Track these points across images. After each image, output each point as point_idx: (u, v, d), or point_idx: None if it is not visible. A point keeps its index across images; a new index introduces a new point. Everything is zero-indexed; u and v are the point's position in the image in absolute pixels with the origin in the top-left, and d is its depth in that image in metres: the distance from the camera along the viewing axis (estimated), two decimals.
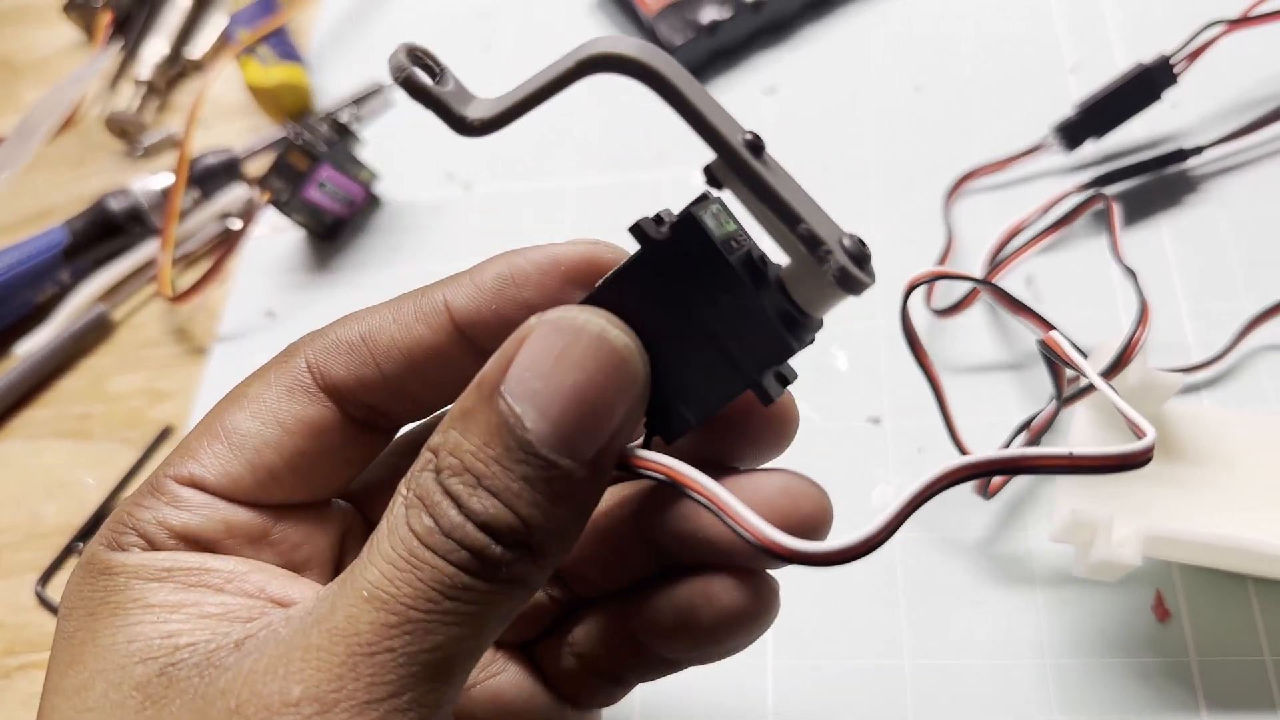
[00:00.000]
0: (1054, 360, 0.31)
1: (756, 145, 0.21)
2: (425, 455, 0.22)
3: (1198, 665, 0.33)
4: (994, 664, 0.34)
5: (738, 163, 0.21)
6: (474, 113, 0.22)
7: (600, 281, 0.23)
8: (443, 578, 0.20)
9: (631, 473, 0.23)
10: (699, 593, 0.25)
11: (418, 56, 0.22)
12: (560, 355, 0.21)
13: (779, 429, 0.26)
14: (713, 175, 0.22)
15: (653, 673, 0.26)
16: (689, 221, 0.21)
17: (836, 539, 0.21)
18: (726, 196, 0.22)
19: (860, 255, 0.21)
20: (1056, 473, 0.21)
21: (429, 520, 0.21)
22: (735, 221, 0.23)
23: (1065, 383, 0.33)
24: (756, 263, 0.22)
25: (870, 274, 0.21)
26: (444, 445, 0.21)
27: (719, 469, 0.24)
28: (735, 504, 0.21)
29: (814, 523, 0.24)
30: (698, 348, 0.22)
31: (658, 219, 0.22)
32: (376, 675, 0.20)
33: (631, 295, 0.22)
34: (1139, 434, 0.20)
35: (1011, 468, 0.21)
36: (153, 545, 0.23)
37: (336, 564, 0.26)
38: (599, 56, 0.21)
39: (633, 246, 0.23)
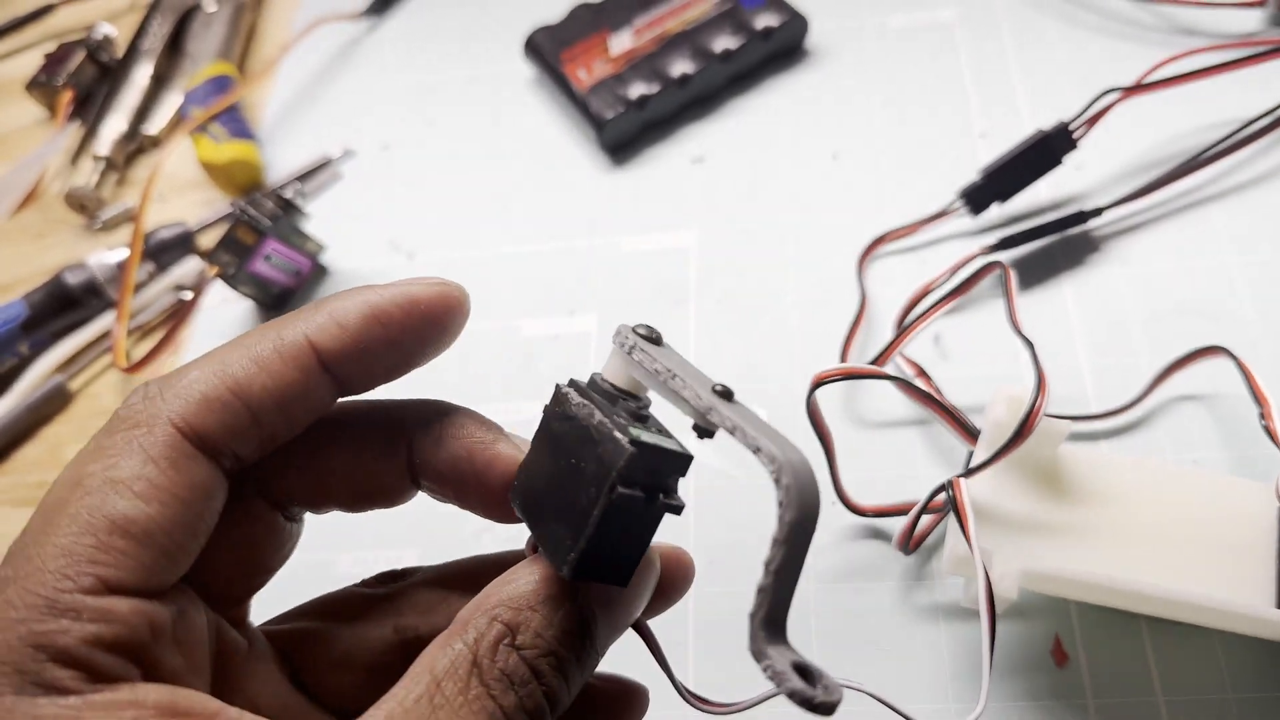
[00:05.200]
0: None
1: (727, 393, 0.23)
2: (499, 629, 0.24)
3: (1094, 707, 0.34)
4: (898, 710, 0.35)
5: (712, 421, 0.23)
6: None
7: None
8: None
9: None
10: None
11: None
12: (635, 584, 0.25)
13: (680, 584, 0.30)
14: (700, 429, 0.24)
15: None
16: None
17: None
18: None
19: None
20: None
21: (514, 697, 0.23)
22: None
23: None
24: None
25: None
26: (527, 626, 0.24)
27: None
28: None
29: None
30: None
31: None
32: None
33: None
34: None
35: None
36: (91, 670, 0.21)
37: (215, 630, 0.26)
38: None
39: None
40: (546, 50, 0.55)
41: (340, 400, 0.27)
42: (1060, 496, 0.36)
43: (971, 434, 0.38)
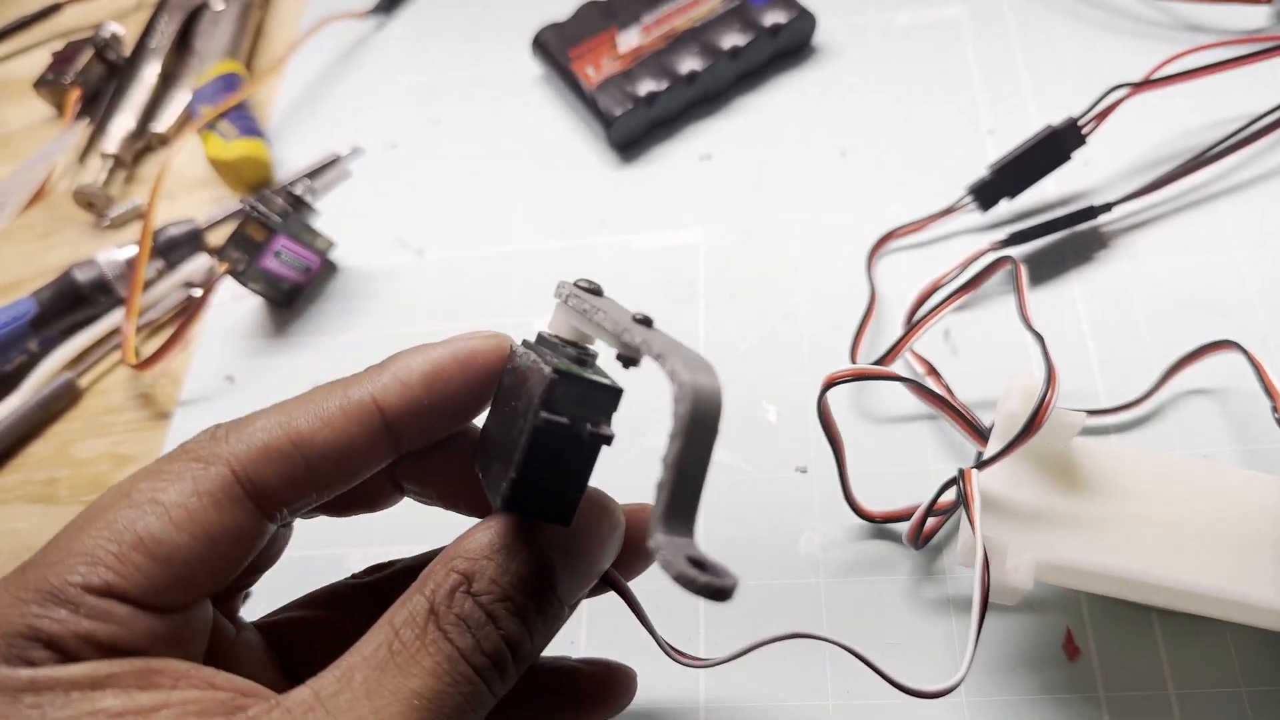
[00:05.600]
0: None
1: (646, 320, 0.24)
2: (455, 578, 0.24)
3: (1106, 700, 0.34)
4: (914, 702, 0.35)
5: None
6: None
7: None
8: (478, 692, 0.23)
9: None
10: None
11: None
12: (594, 528, 0.26)
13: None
14: (623, 357, 0.24)
15: None
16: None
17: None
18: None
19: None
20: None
21: (471, 639, 0.23)
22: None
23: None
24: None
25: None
26: (482, 573, 0.24)
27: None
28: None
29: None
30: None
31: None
32: None
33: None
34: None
35: None
36: (72, 657, 0.22)
37: (217, 630, 0.27)
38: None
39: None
40: (554, 48, 0.55)
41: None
42: (1073, 489, 0.36)
43: (981, 435, 0.38)
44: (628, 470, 0.43)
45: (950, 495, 0.36)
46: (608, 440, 0.24)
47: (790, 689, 0.36)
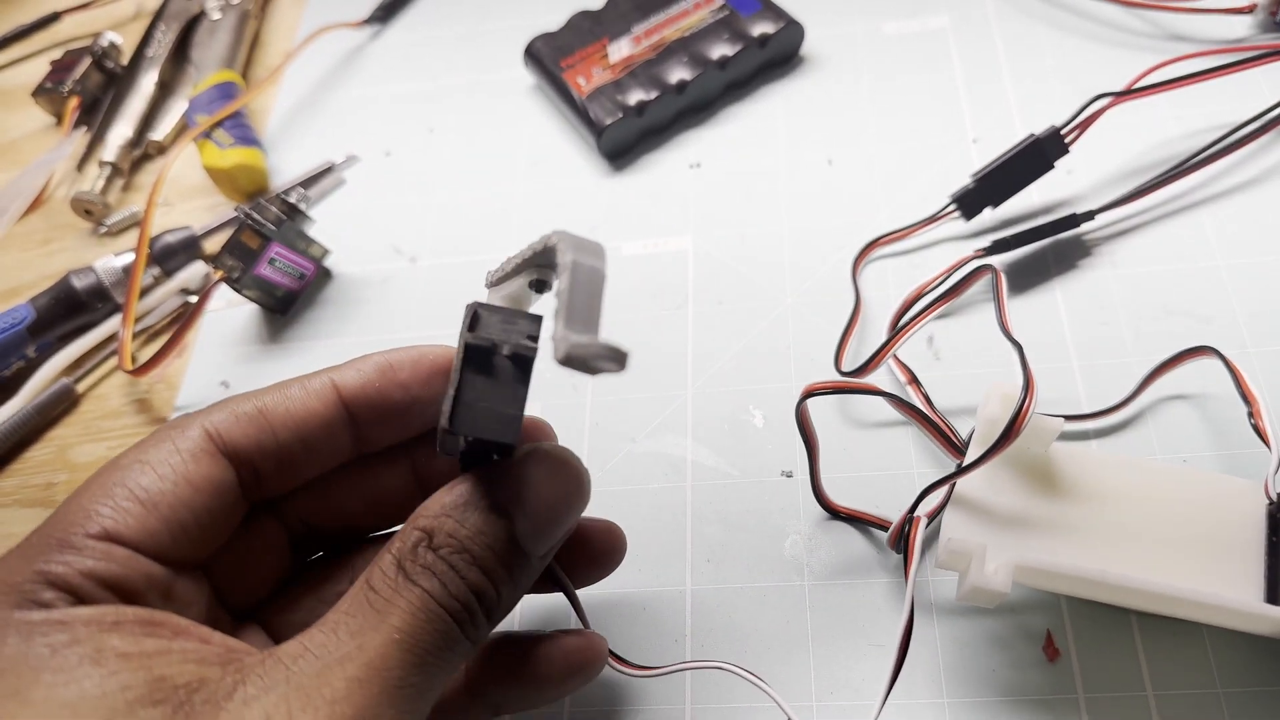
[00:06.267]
0: None
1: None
2: (416, 534, 0.26)
3: (1085, 702, 0.35)
4: (893, 703, 0.36)
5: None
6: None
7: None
8: (450, 630, 0.25)
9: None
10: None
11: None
12: (550, 479, 0.28)
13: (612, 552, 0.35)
14: (535, 281, 0.29)
15: None
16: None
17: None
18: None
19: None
20: None
21: (438, 583, 0.25)
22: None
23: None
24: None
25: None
26: (440, 529, 0.26)
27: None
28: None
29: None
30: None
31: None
32: (405, 704, 0.24)
33: None
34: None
35: None
36: (79, 598, 0.24)
37: (212, 622, 0.28)
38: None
39: None
40: (546, 57, 0.56)
41: None
42: (1052, 494, 0.37)
43: (956, 447, 0.38)
44: (617, 471, 0.43)
45: (934, 500, 0.37)
46: (530, 353, 0.27)
47: (776, 690, 0.37)
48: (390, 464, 0.33)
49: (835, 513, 0.40)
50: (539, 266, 0.28)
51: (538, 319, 0.28)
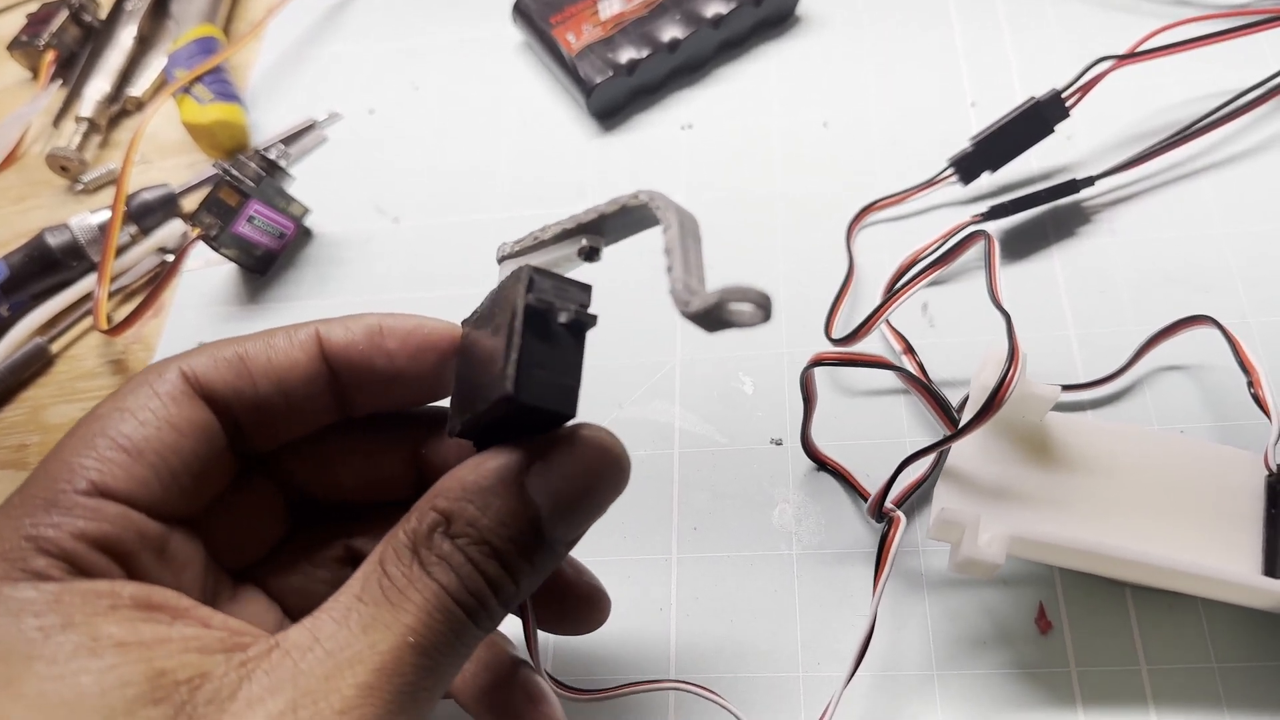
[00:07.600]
0: None
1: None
2: (433, 516, 0.24)
3: (1077, 675, 0.34)
4: (884, 675, 0.35)
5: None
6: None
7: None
8: (466, 628, 0.24)
9: None
10: None
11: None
12: (587, 465, 0.25)
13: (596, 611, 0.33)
14: (584, 250, 0.26)
15: None
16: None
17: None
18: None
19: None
20: None
21: (454, 577, 0.24)
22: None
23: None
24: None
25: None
26: (460, 515, 0.24)
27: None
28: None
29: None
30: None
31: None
32: (414, 712, 0.23)
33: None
34: None
35: None
36: (74, 563, 0.23)
37: (211, 585, 0.28)
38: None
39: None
40: (535, 14, 0.54)
41: None
42: (1047, 464, 0.36)
43: (951, 420, 0.38)
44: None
45: (921, 467, 0.36)
46: (590, 320, 0.25)
47: (762, 660, 0.36)
48: (389, 442, 0.31)
49: (822, 464, 0.40)
50: (589, 233, 0.26)
51: (588, 287, 0.26)
